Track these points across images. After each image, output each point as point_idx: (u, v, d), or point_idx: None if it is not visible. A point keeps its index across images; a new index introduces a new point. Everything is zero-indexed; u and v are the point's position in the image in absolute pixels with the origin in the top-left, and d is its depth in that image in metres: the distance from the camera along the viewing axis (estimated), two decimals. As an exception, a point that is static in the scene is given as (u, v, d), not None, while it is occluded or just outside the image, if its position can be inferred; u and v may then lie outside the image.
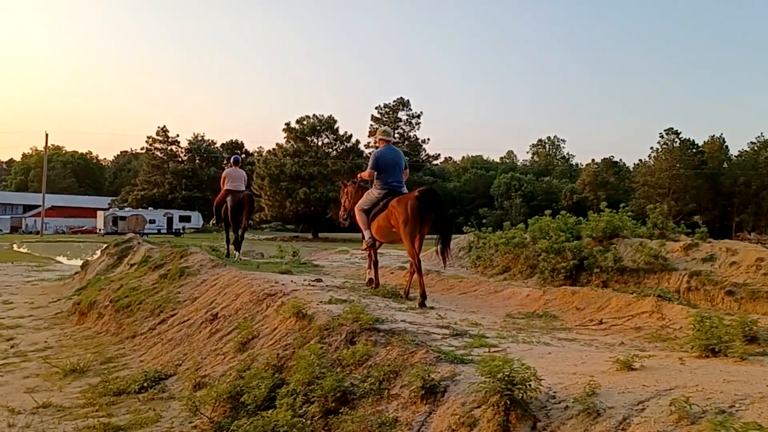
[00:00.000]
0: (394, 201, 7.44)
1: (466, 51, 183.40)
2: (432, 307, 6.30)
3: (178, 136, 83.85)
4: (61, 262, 27.07)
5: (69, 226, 74.98)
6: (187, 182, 79.54)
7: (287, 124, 63.85)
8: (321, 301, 6.05)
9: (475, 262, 17.83)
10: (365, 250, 8.21)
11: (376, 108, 70.98)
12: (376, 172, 7.94)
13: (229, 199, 12.60)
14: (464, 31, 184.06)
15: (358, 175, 8.70)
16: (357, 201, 8.28)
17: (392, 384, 4.07)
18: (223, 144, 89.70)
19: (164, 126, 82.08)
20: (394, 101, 70.45)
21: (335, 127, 64.28)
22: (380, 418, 3.81)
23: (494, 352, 4.40)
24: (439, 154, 75.93)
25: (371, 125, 71.14)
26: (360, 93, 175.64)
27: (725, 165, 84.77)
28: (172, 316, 8.03)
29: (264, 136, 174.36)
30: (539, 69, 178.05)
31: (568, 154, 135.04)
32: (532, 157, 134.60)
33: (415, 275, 7.24)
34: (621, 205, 16.06)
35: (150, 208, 69.90)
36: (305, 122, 63.58)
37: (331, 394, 4.18)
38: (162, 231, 65.21)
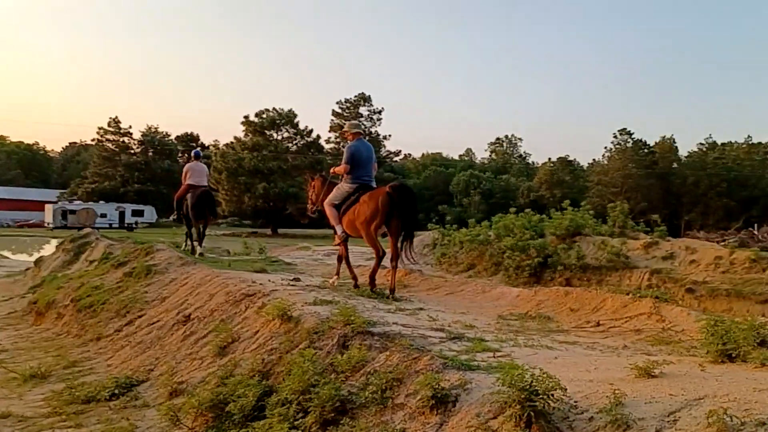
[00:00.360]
0: (366, 195, 7.41)
1: (427, 48, 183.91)
2: (421, 308, 6.07)
3: (130, 127, 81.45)
4: (8, 258, 25.84)
5: (15, 220, 72.03)
6: (140, 175, 77.39)
7: (246, 117, 62.74)
8: (306, 303, 5.77)
9: (440, 260, 17.78)
10: (338, 245, 8.14)
11: (337, 103, 70.44)
12: (349, 167, 7.84)
13: (189, 195, 12.28)
14: (425, 29, 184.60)
15: (332, 170, 8.55)
16: (326, 195, 8.22)
17: (396, 392, 3.83)
18: (177, 136, 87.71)
19: (116, 117, 79.61)
20: (355, 96, 69.99)
21: (295, 121, 63.48)
22: (386, 430, 3.56)
23: (499, 357, 4.21)
24: (399, 151, 75.91)
25: (332, 120, 70.57)
26: (320, 88, 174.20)
27: (674, 165, 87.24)
28: (140, 317, 7.60)
29: (220, 129, 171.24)
30: (496, 68, 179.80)
31: (524, 152, 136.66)
32: (490, 155, 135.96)
33: (399, 270, 7.37)
34: (582, 203, 16.29)
35: (101, 202, 67.71)
36: (265, 116, 62.57)
37: (329, 403, 3.91)
38: (114, 225, 63.19)
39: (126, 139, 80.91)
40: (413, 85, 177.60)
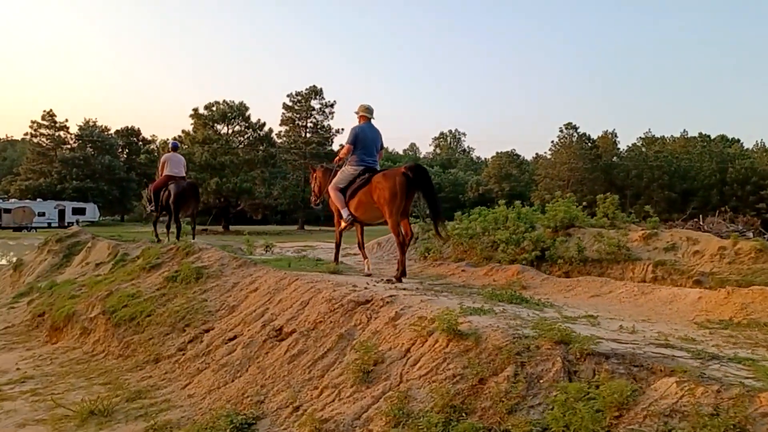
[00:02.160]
0: (379, 176, 7.30)
1: (373, 42, 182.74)
2: (589, 316, 5.05)
3: (66, 121, 77.02)
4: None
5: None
6: (79, 172, 73.11)
7: (195, 110, 60.05)
8: (455, 312, 4.63)
9: (423, 255, 17.15)
10: (344, 229, 7.92)
11: (288, 96, 68.37)
12: (353, 148, 7.72)
13: (172, 186, 11.92)
14: (371, 21, 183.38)
15: (337, 158, 8.32)
16: (326, 184, 8.13)
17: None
18: (117, 131, 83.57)
19: (51, 110, 74.96)
20: (306, 89, 68.06)
21: (247, 114, 61.25)
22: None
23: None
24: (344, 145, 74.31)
25: (283, 114, 68.52)
26: (270, 81, 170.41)
27: (614, 159, 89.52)
28: (207, 331, 6.28)
29: (162, 123, 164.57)
30: (440, 62, 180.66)
31: (468, 147, 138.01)
32: (434, 150, 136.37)
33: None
34: (568, 195, 15.97)
35: (38, 200, 63.53)
36: (215, 108, 60.08)
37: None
38: (53, 224, 59.37)
39: (62, 133, 76.42)
40: (360, 79, 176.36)
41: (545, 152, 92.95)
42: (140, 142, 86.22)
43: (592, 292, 6.39)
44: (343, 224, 7.81)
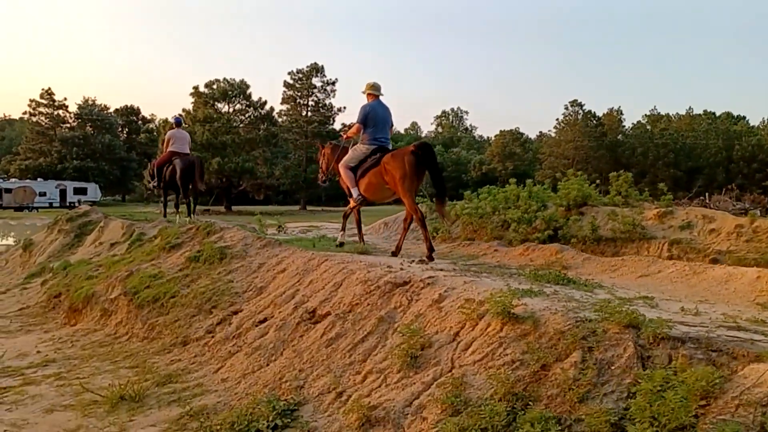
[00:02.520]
0: (388, 156, 7.21)
1: (373, 18, 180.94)
2: (643, 297, 4.81)
3: (65, 99, 76.27)
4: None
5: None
6: (79, 151, 72.56)
7: (195, 89, 59.39)
8: (508, 294, 4.38)
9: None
10: (353, 208, 7.86)
11: (289, 74, 67.60)
12: (363, 127, 7.64)
13: (177, 161, 11.78)
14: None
15: (344, 135, 8.32)
16: (339, 159, 8.03)
17: None
18: (117, 109, 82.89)
19: (49, 88, 74.17)
20: (307, 67, 67.26)
21: (248, 92, 60.61)
22: None
23: None
24: (354, 124, 73.57)
25: (284, 92, 67.84)
26: (270, 59, 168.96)
27: (619, 137, 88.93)
28: (235, 313, 6.04)
29: (161, 101, 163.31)
30: (441, 40, 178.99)
31: (471, 125, 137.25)
32: (436, 129, 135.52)
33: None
34: (578, 172, 15.80)
35: (39, 180, 63.12)
36: (215, 86, 59.44)
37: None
38: (54, 204, 59.12)
39: (61, 112, 75.78)
40: (360, 57, 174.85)
41: (548, 130, 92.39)
42: (140, 121, 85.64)
43: (640, 272, 6.13)
44: (352, 203, 7.74)
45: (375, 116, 7.67)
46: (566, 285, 5.22)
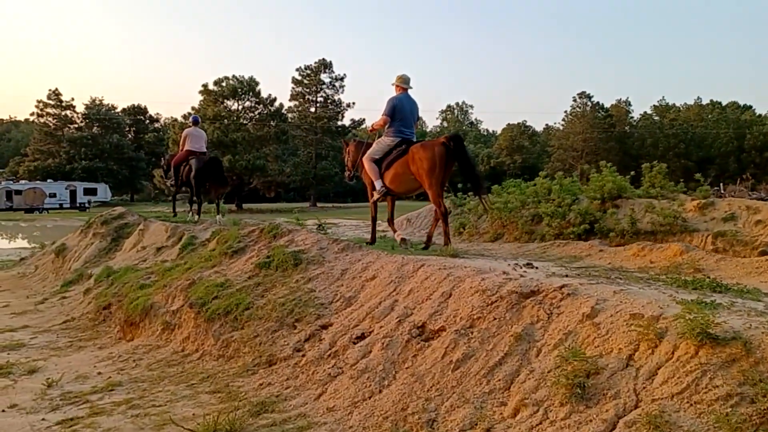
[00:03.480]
0: (417, 146, 7.18)
1: (378, 14, 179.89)
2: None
3: (73, 100, 75.70)
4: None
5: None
6: (87, 151, 71.98)
7: (204, 86, 58.69)
8: (696, 308, 3.69)
9: (458, 230, 16.42)
10: (376, 200, 7.75)
11: (297, 70, 66.84)
12: (390, 120, 7.56)
13: (193, 161, 11.79)
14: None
15: (371, 127, 8.27)
16: (364, 153, 7.94)
17: None
18: (124, 109, 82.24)
19: (56, 89, 73.63)
20: (315, 62, 66.52)
21: (257, 89, 59.90)
22: None
23: None
24: (363, 119, 72.95)
25: (293, 88, 67.16)
26: (279, 55, 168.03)
27: (626, 129, 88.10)
28: (324, 328, 5.37)
29: (168, 100, 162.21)
30: (445, 34, 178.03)
31: (476, 119, 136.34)
32: (441, 123, 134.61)
33: (439, 223, 7.29)
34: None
35: (49, 181, 62.52)
36: (224, 84, 58.72)
37: None
38: (65, 205, 58.62)
39: (68, 112, 75.23)
40: (366, 52, 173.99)
41: (554, 123, 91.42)
42: (147, 120, 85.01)
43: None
44: (375, 195, 7.65)
45: (402, 109, 7.59)
46: (725, 293, 4.53)
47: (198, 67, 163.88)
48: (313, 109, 66.78)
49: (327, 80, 66.92)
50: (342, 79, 67.31)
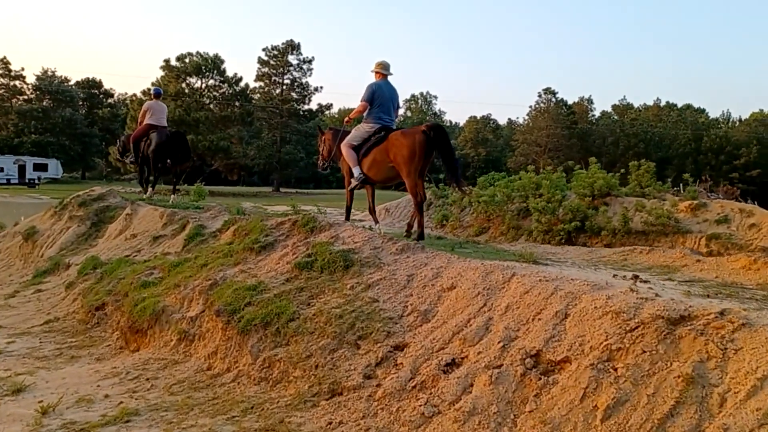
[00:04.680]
0: (397, 133, 7.04)
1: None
2: None
3: (23, 70, 71.71)
4: None
5: None
6: (37, 125, 68.18)
7: (166, 62, 56.30)
8: None
9: (441, 222, 15.80)
10: (354, 188, 7.61)
11: (264, 50, 64.83)
12: (369, 106, 7.41)
13: (154, 135, 11.36)
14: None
15: (347, 118, 8.05)
16: (341, 141, 7.78)
17: None
18: (78, 82, 78.44)
19: (4, 57, 69.52)
20: (283, 43, 64.57)
21: (222, 67, 57.75)
22: None
23: None
24: (331, 104, 71.39)
25: (258, 69, 65.07)
26: (244, 34, 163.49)
27: (589, 126, 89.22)
28: (398, 349, 4.35)
29: (125, 75, 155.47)
30: (410, 24, 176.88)
31: (440, 110, 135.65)
32: (404, 112, 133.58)
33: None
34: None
35: (-5, 154, 58.99)
36: (187, 60, 56.40)
37: None
38: (12, 181, 55.39)
39: (18, 83, 71.23)
40: (330, 38, 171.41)
41: (517, 117, 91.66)
42: (102, 95, 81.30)
43: None
44: (353, 183, 7.47)
45: (382, 95, 7.43)
46: None
47: (160, 41, 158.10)
48: (279, 91, 64.93)
49: (294, 62, 65.14)
50: (310, 61, 65.64)
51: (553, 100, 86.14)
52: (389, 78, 7.61)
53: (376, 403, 4.01)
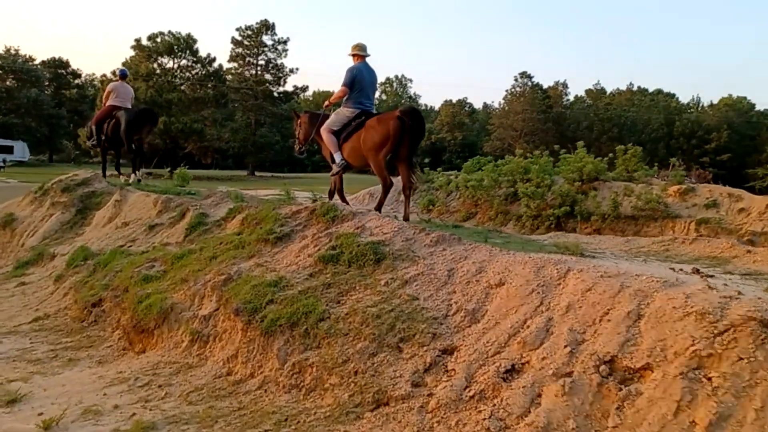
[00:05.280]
0: (373, 120, 6.98)
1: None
2: None
3: (-17, 48, 69.05)
4: None
5: None
6: (1, 105, 65.92)
7: (137, 41, 54.49)
8: None
9: (427, 207, 15.56)
10: (336, 174, 7.62)
11: (237, 29, 63.29)
12: (349, 90, 7.32)
13: (121, 113, 10.94)
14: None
15: (327, 102, 8.00)
16: (321, 125, 7.69)
17: None
18: (43, 61, 75.84)
19: (-35, 34, 66.86)
20: (257, 23, 63.14)
21: (195, 47, 56.22)
22: None
23: None
24: (307, 86, 70.11)
25: (232, 49, 63.61)
26: (218, 12, 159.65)
27: (564, 111, 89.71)
28: (446, 353, 3.91)
29: (94, 54, 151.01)
30: (388, 6, 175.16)
31: (415, 93, 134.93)
32: (380, 95, 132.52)
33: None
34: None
35: (-43, 136, 56.82)
36: (159, 39, 54.73)
37: None
38: (-24, 164, 53.49)
39: (-21, 61, 68.64)
40: (303, 18, 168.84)
41: (492, 101, 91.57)
42: (69, 75, 78.78)
43: None
44: (335, 169, 7.42)
45: (362, 79, 7.35)
46: None
47: (131, 19, 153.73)
48: (253, 72, 63.59)
49: (269, 43, 63.82)
50: (285, 42, 64.36)
51: (529, 84, 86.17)
52: (367, 59, 7.53)
53: (430, 416, 3.58)
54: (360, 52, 7.47)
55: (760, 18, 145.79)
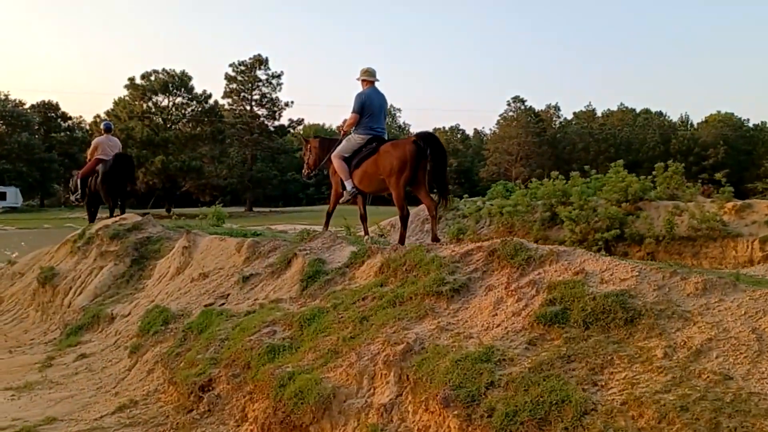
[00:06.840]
0: (388, 145, 6.90)
1: (306, 10, 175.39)
2: None
3: (-28, 94, 67.74)
4: None
5: None
6: (-8, 151, 64.50)
7: (131, 80, 53.52)
8: None
9: (457, 236, 14.61)
10: (345, 202, 7.49)
11: (231, 65, 62.56)
12: (359, 117, 7.21)
13: (100, 167, 11.05)
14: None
15: (341, 128, 7.92)
16: (324, 155, 7.83)
17: None
18: (33, 105, 74.66)
19: (-47, 81, 65.71)
20: (250, 58, 62.45)
21: (190, 84, 55.25)
22: None
23: None
24: (302, 119, 69.26)
25: (226, 85, 62.74)
26: (213, 50, 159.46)
27: (559, 134, 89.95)
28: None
29: (84, 97, 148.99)
30: (374, 37, 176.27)
31: (404, 123, 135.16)
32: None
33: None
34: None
35: (-51, 183, 55.14)
36: (153, 78, 53.78)
37: None
38: (-32, 212, 51.81)
39: (-32, 106, 67.27)
40: (292, 50, 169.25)
41: (483, 127, 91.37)
42: (59, 119, 77.57)
43: None
44: (345, 196, 7.33)
45: (371, 105, 7.23)
46: None
47: (122, 58, 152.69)
48: (248, 108, 62.73)
49: (263, 77, 63.12)
50: (279, 76, 63.70)
51: (522, 108, 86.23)
52: (377, 84, 7.40)
53: None
54: (369, 77, 7.38)
55: (743, 35, 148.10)
